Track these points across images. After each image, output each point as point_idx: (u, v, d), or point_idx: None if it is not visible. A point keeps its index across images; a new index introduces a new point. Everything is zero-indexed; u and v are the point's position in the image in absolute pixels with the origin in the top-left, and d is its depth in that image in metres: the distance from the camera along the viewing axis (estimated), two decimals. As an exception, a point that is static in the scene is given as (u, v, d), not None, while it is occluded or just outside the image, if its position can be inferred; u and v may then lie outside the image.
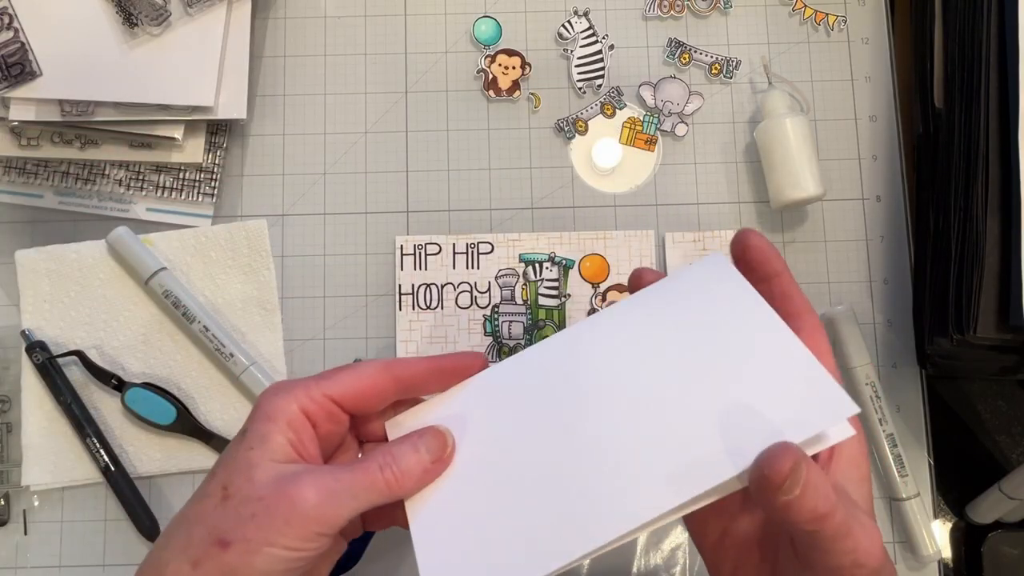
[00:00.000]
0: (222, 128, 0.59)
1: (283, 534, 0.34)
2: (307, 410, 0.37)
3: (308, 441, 0.37)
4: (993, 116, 0.50)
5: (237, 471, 0.35)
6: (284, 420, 0.36)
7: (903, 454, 0.55)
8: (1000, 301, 0.48)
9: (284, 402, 0.37)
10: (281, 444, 0.36)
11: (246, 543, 0.33)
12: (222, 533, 0.34)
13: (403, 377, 0.39)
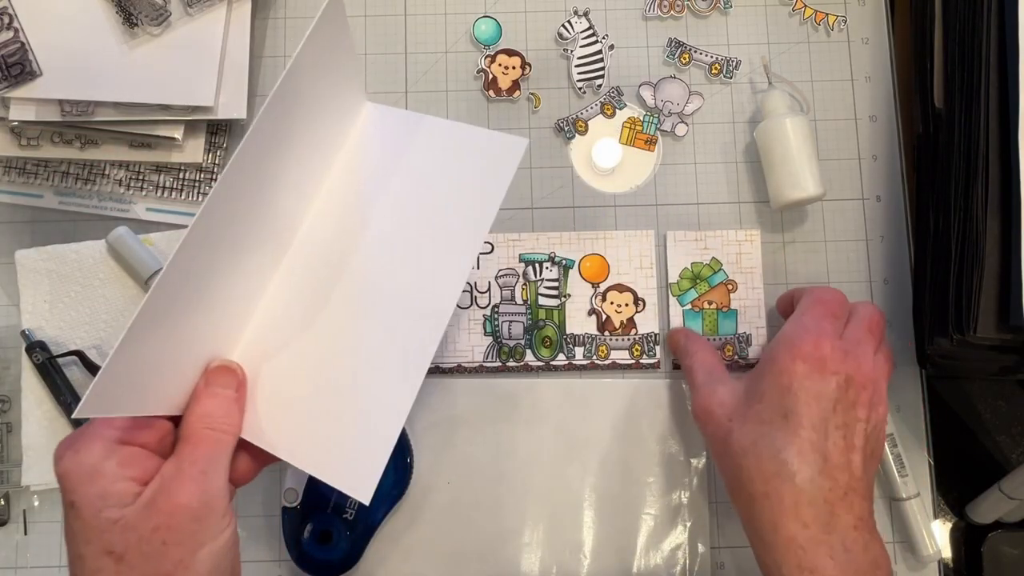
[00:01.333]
0: (222, 128, 0.59)
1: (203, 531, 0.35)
2: (124, 439, 0.36)
3: (148, 462, 0.36)
4: (993, 116, 0.50)
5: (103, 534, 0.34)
6: (112, 465, 0.35)
7: (903, 454, 0.55)
8: (1000, 301, 0.48)
9: (98, 450, 0.36)
10: (127, 488, 0.35)
11: (180, 563, 0.34)
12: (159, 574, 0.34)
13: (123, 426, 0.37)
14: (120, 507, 0.35)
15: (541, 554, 0.55)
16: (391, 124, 0.46)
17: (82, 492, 0.35)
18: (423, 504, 0.56)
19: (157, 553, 0.34)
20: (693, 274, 0.58)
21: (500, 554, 0.55)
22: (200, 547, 0.35)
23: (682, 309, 0.57)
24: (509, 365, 0.57)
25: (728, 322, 0.57)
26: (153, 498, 0.35)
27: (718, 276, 0.58)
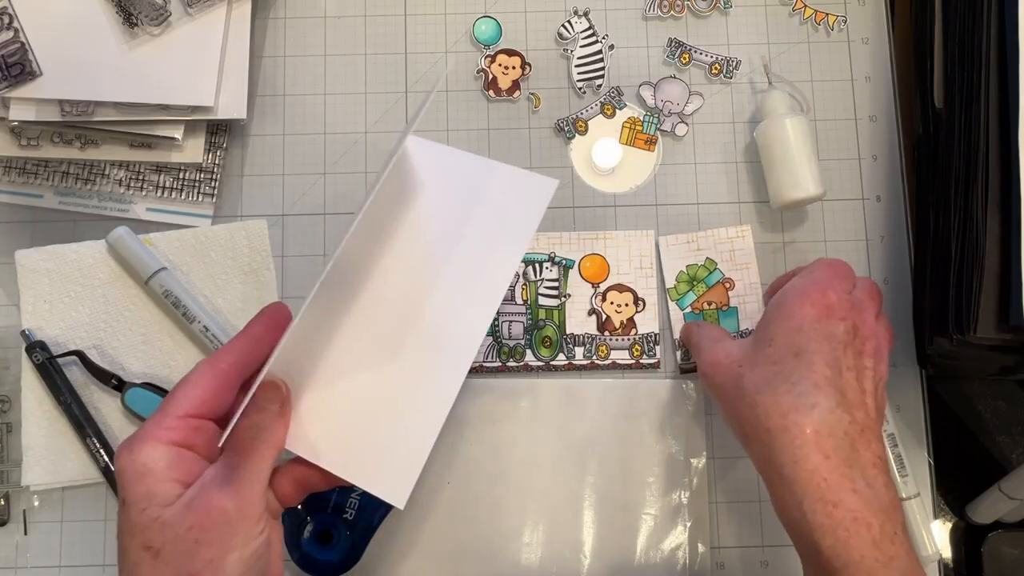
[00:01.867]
0: (222, 128, 0.59)
1: (233, 536, 0.36)
2: (176, 440, 0.38)
3: (195, 465, 0.38)
4: (993, 116, 0.50)
5: (146, 529, 0.36)
6: (162, 466, 0.37)
7: (903, 454, 0.55)
8: (1000, 301, 0.48)
9: (149, 451, 0.37)
10: (170, 490, 0.37)
11: (210, 564, 0.36)
12: (184, 572, 0.35)
13: (233, 361, 0.41)
14: (162, 506, 0.36)
15: (541, 554, 0.55)
16: (426, 157, 0.47)
17: (131, 490, 0.37)
18: (423, 504, 0.56)
19: (190, 551, 0.35)
20: (689, 276, 0.58)
21: (500, 554, 0.55)
22: (231, 551, 0.36)
23: (682, 312, 0.57)
24: (509, 365, 0.57)
25: (729, 320, 0.57)
26: (193, 498, 0.36)
27: (714, 276, 0.58)
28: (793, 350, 0.44)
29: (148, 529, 0.36)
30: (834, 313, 0.45)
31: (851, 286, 0.48)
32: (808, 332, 0.45)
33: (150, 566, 0.36)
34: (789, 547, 0.43)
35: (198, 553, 0.35)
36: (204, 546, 0.35)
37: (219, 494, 0.36)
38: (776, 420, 0.43)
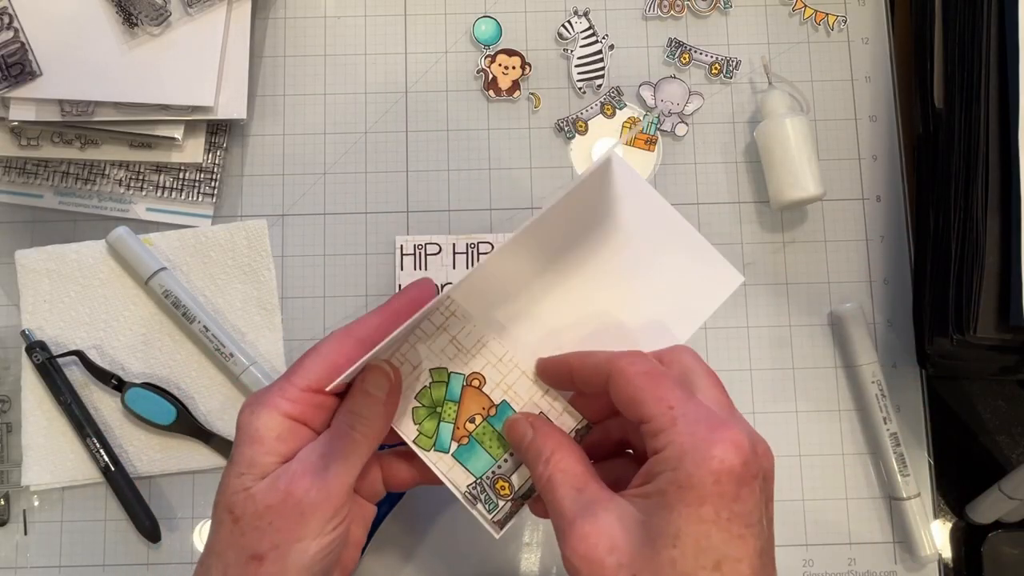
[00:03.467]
0: (222, 128, 0.59)
1: (303, 526, 0.35)
2: (292, 414, 0.37)
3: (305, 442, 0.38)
4: (993, 116, 0.50)
5: (234, 496, 0.36)
6: (272, 436, 0.37)
7: (904, 454, 0.55)
8: (1000, 301, 0.48)
9: (266, 418, 0.37)
10: (271, 463, 0.37)
11: (276, 550, 0.35)
12: (252, 550, 0.35)
13: (364, 337, 0.39)
14: (255, 479, 0.36)
15: (541, 554, 0.55)
16: (627, 184, 0.43)
17: (239, 451, 0.37)
18: (423, 504, 0.56)
19: (261, 530, 0.35)
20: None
21: (500, 554, 0.55)
22: (299, 540, 0.35)
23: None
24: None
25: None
26: (278, 478, 0.36)
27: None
28: (712, 560, 0.31)
29: (236, 495, 0.36)
30: (747, 473, 0.32)
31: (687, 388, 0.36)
32: (728, 526, 0.32)
33: (228, 529, 0.36)
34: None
35: (268, 534, 0.35)
36: (274, 530, 0.35)
37: (302, 482, 0.36)
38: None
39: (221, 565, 0.36)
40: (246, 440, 0.37)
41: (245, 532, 0.36)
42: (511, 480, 0.40)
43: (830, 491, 0.56)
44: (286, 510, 0.35)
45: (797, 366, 0.58)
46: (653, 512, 0.32)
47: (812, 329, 0.58)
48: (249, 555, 0.35)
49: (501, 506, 0.40)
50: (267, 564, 0.35)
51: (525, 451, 0.38)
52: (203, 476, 0.56)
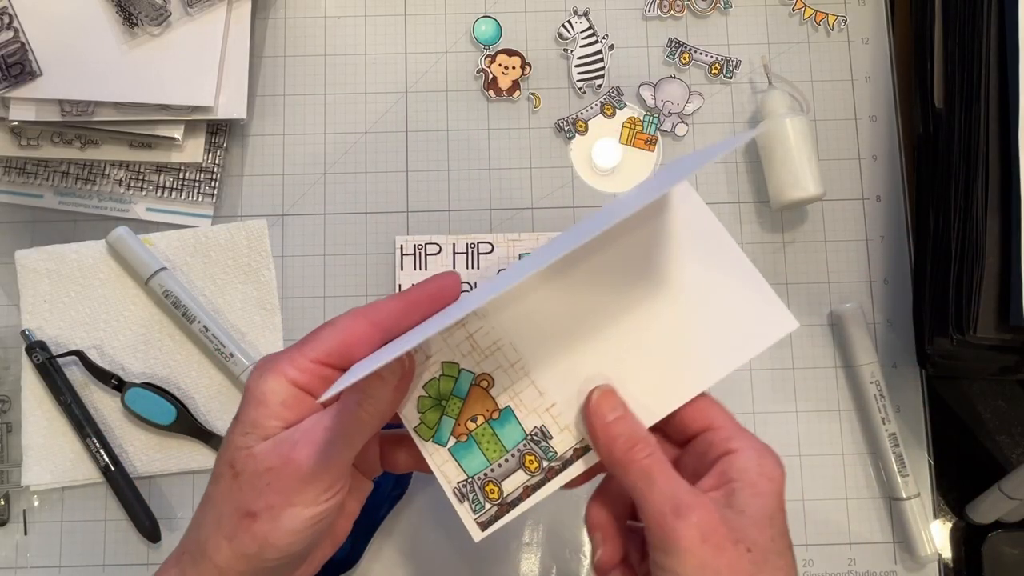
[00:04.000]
0: (222, 128, 0.59)
1: (299, 493, 0.36)
2: (299, 383, 0.38)
3: (307, 411, 0.38)
4: (993, 116, 0.50)
5: (236, 452, 0.37)
6: (277, 400, 0.37)
7: (904, 454, 0.55)
8: (1000, 301, 0.48)
9: (272, 382, 0.37)
10: (273, 427, 0.37)
11: (270, 510, 0.36)
12: (246, 506, 0.36)
13: (380, 320, 0.39)
14: (257, 439, 0.37)
15: (541, 554, 0.55)
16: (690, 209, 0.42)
17: (244, 411, 0.38)
18: (423, 504, 0.56)
19: (258, 490, 0.36)
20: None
21: (500, 554, 0.55)
22: (293, 505, 0.36)
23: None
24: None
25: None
26: (281, 442, 0.37)
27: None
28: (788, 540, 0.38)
29: (238, 451, 0.37)
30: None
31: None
32: (785, 514, 0.38)
33: (227, 483, 0.37)
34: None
35: (264, 495, 0.36)
36: (271, 491, 0.36)
37: (304, 450, 0.36)
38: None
39: (215, 515, 0.37)
40: (252, 402, 0.38)
41: (243, 488, 0.37)
42: (501, 485, 0.40)
43: (830, 491, 0.56)
44: (285, 475, 0.36)
45: (797, 366, 0.58)
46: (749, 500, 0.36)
47: (812, 329, 0.58)
48: (244, 511, 0.36)
49: (487, 508, 0.40)
50: (259, 522, 0.36)
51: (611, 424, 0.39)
52: (203, 476, 0.56)
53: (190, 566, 0.37)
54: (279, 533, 0.36)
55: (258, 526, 0.36)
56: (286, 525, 0.36)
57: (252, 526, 0.36)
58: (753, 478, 0.37)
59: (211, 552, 0.37)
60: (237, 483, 0.37)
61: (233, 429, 0.38)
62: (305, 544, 0.37)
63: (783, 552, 0.37)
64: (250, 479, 0.36)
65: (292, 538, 0.36)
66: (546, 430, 0.40)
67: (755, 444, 0.39)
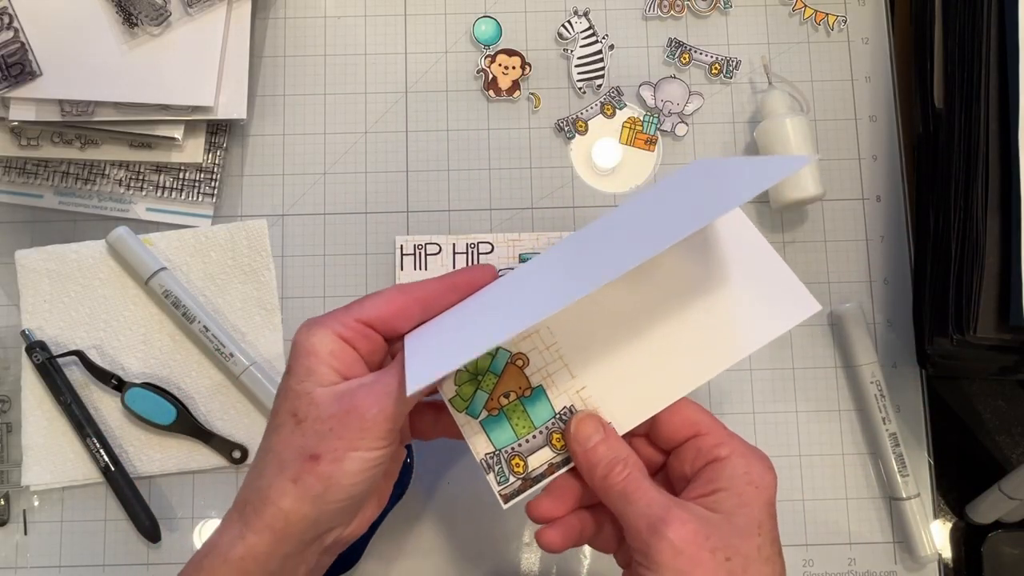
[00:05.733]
0: (222, 128, 0.59)
1: (362, 438, 0.38)
2: (344, 336, 0.40)
3: (354, 363, 0.41)
4: (993, 116, 0.50)
5: (298, 400, 0.39)
6: (326, 351, 0.40)
7: (904, 454, 0.55)
8: (1000, 301, 0.48)
9: (320, 335, 0.40)
10: (327, 373, 0.40)
11: (333, 452, 0.38)
12: (310, 450, 0.38)
13: (421, 296, 0.42)
14: (316, 384, 0.39)
15: (541, 554, 0.55)
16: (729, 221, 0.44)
17: (297, 362, 0.40)
18: (423, 504, 0.56)
19: (322, 434, 0.38)
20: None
21: (500, 554, 0.55)
22: (353, 449, 0.38)
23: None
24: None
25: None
26: (343, 393, 0.39)
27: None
28: (779, 546, 0.39)
29: (299, 399, 0.39)
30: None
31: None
32: (776, 520, 0.39)
33: (290, 430, 0.39)
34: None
35: (327, 439, 0.38)
36: (334, 436, 0.38)
37: (367, 400, 0.38)
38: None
39: (277, 461, 0.39)
40: (303, 353, 0.40)
41: (306, 433, 0.38)
42: (527, 460, 0.42)
43: (830, 491, 0.56)
44: (348, 421, 0.38)
45: (797, 366, 0.58)
46: (735, 509, 0.37)
47: (812, 329, 0.58)
48: (308, 454, 0.38)
49: (512, 481, 0.42)
50: (322, 464, 0.38)
51: (590, 450, 0.40)
52: (203, 476, 0.56)
53: (253, 515, 0.38)
54: (342, 473, 0.38)
55: (322, 467, 0.38)
56: (348, 467, 0.38)
57: (316, 467, 0.38)
58: (740, 486, 0.38)
59: (275, 497, 0.38)
60: (300, 429, 0.39)
61: (288, 381, 0.40)
62: (362, 490, 0.39)
63: (770, 559, 0.37)
64: (313, 425, 0.38)
65: (354, 479, 0.38)
66: (575, 411, 0.42)
67: (744, 450, 0.39)
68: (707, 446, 0.40)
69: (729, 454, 0.39)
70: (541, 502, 0.41)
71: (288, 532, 0.38)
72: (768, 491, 0.38)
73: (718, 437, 0.40)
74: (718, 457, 0.39)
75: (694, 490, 0.39)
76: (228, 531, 0.39)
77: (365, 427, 0.38)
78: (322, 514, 0.38)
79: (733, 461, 0.39)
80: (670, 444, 0.42)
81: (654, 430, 0.42)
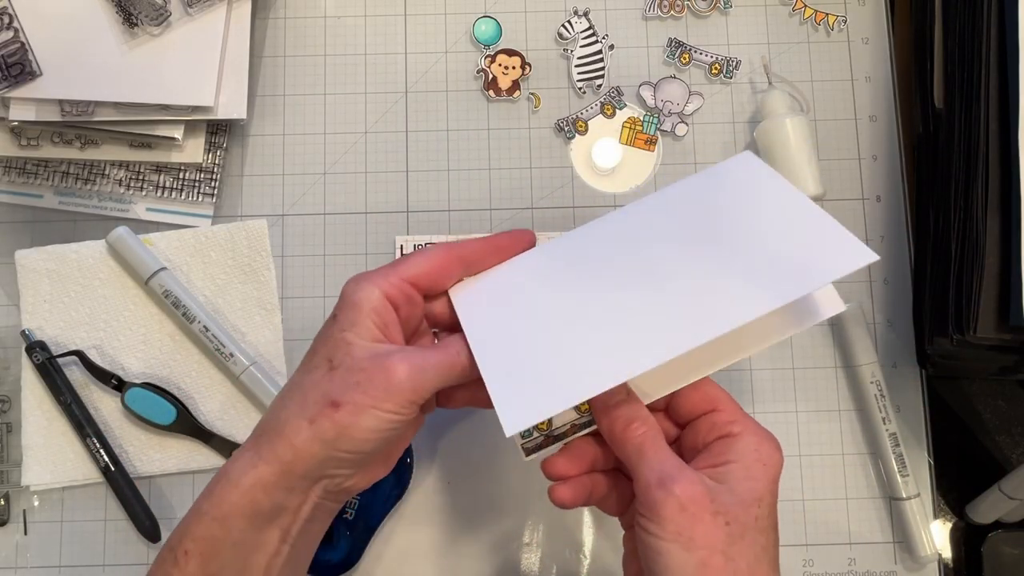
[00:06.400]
0: (222, 128, 0.59)
1: (385, 399, 0.39)
2: (389, 295, 0.42)
3: (391, 324, 0.42)
4: (993, 116, 0.50)
5: (336, 347, 0.41)
6: (369, 306, 0.41)
7: (904, 454, 0.55)
8: (1000, 301, 0.48)
9: (367, 290, 0.41)
10: (369, 327, 0.41)
11: (354, 405, 0.39)
12: (334, 396, 0.40)
13: (464, 255, 0.45)
14: (355, 336, 0.41)
15: (541, 554, 0.55)
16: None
17: (343, 312, 0.42)
18: (423, 504, 0.56)
19: (348, 386, 0.40)
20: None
21: (500, 554, 0.55)
22: (374, 407, 0.39)
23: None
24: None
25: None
26: (381, 352, 0.40)
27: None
28: (775, 519, 0.40)
29: (338, 348, 0.41)
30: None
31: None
32: (776, 496, 0.41)
33: (322, 373, 0.41)
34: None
35: (352, 390, 0.39)
36: (360, 390, 0.39)
37: (401, 366, 0.40)
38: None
39: (300, 399, 0.40)
40: (348, 304, 0.42)
41: (334, 380, 0.40)
42: (552, 419, 0.44)
43: (830, 491, 0.56)
44: (377, 379, 0.39)
45: (797, 366, 0.58)
46: (741, 481, 0.39)
47: (812, 329, 0.58)
48: (330, 400, 0.39)
49: (535, 436, 0.44)
50: (342, 412, 0.39)
51: (613, 407, 0.42)
52: (203, 476, 0.56)
53: (266, 444, 0.40)
54: (357, 427, 0.39)
55: (340, 415, 0.39)
56: (365, 423, 0.39)
57: (335, 414, 0.39)
58: (749, 462, 0.39)
59: (290, 433, 0.40)
60: (331, 375, 0.40)
61: (330, 328, 0.42)
62: (372, 447, 0.41)
63: (765, 530, 0.39)
64: (343, 374, 0.40)
65: (367, 435, 0.40)
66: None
67: (757, 430, 0.41)
68: (722, 421, 0.41)
69: (742, 431, 0.40)
70: (557, 461, 0.43)
71: (295, 466, 0.40)
72: (775, 469, 0.40)
73: (733, 415, 0.41)
74: (731, 433, 0.41)
75: (704, 460, 0.40)
76: (241, 458, 0.41)
77: (391, 389, 0.39)
78: (329, 458, 0.40)
79: (745, 438, 0.40)
80: (686, 418, 0.43)
81: (673, 402, 0.43)
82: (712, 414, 0.42)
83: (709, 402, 0.42)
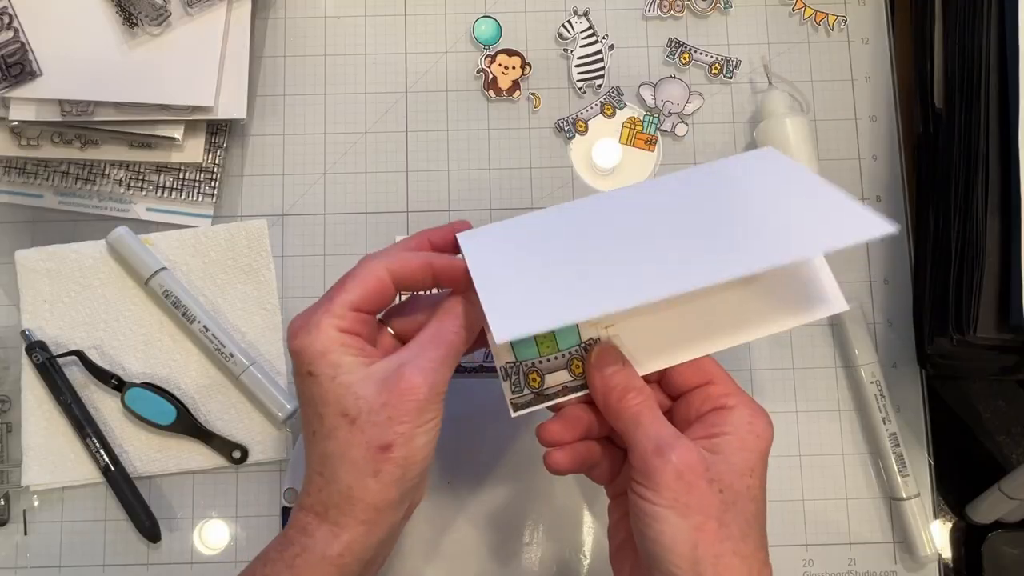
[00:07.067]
0: (222, 128, 0.59)
1: (420, 415, 0.39)
2: (343, 328, 0.41)
3: (363, 346, 0.41)
4: (993, 116, 0.50)
5: (340, 399, 0.40)
6: (336, 345, 0.40)
7: (904, 454, 0.55)
8: (1000, 301, 0.48)
9: (325, 334, 0.40)
10: (351, 363, 0.40)
11: (402, 436, 0.39)
12: (378, 441, 0.39)
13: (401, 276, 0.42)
14: (350, 373, 0.40)
15: (541, 554, 0.55)
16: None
17: (318, 363, 0.40)
18: (423, 504, 0.55)
19: (381, 424, 0.39)
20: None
21: (500, 554, 0.55)
22: (418, 427, 0.39)
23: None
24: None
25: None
26: (386, 378, 0.40)
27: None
28: (764, 491, 0.41)
29: (343, 399, 0.39)
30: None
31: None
32: (763, 468, 0.42)
33: (347, 431, 0.39)
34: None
35: (389, 426, 0.39)
36: (396, 422, 0.39)
37: (414, 378, 0.39)
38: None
39: (348, 463, 0.39)
40: (316, 356, 0.40)
41: (364, 429, 0.39)
42: (544, 377, 0.43)
43: (830, 491, 0.56)
44: (403, 404, 0.39)
45: (797, 366, 0.58)
46: (734, 452, 0.40)
47: (812, 329, 0.58)
48: (377, 446, 0.39)
49: (524, 393, 0.44)
50: (396, 449, 0.39)
51: (609, 376, 0.42)
52: (203, 476, 0.56)
53: (341, 516, 0.40)
54: (416, 451, 0.39)
55: (396, 453, 0.39)
56: (418, 443, 0.39)
57: (392, 456, 0.39)
58: (743, 433, 0.40)
59: (360, 495, 0.39)
60: (357, 427, 0.39)
61: (318, 386, 0.40)
62: (432, 451, 0.41)
63: (756, 499, 0.40)
64: (369, 418, 0.39)
65: (425, 450, 0.40)
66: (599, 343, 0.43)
67: (750, 404, 0.42)
68: (716, 394, 0.42)
69: (736, 404, 0.41)
70: (552, 427, 0.43)
71: (380, 520, 0.40)
72: (766, 442, 0.41)
73: (727, 388, 0.42)
74: (725, 405, 0.41)
75: (697, 431, 0.41)
76: (315, 534, 0.40)
77: (421, 405, 0.39)
78: (405, 492, 0.40)
79: (739, 411, 0.41)
80: (680, 390, 0.43)
81: (667, 374, 0.44)
82: (706, 387, 0.42)
83: (703, 375, 0.43)
